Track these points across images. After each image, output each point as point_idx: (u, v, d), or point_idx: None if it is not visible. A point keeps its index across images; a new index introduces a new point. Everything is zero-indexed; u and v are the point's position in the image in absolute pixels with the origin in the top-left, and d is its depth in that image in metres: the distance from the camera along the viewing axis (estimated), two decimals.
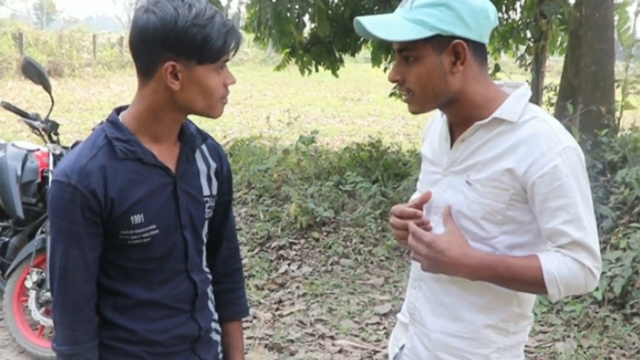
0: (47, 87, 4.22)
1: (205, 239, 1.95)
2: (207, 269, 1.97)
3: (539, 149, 1.70)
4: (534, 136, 1.72)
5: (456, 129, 1.86)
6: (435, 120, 2.03)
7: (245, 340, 4.42)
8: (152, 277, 1.81)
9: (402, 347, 2.05)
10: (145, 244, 1.76)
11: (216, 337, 2.02)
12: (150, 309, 1.82)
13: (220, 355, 2.05)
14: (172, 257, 1.82)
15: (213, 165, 1.93)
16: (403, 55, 1.76)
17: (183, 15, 1.60)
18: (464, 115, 1.81)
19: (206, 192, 1.89)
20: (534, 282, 1.73)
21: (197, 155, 1.88)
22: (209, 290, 1.99)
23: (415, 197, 2.09)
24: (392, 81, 1.82)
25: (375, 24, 1.75)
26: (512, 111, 1.76)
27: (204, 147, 1.91)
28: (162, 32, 1.61)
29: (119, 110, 1.81)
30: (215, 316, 2.02)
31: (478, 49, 1.76)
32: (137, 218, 1.72)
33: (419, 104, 1.81)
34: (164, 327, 1.84)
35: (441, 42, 1.70)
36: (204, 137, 1.91)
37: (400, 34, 1.71)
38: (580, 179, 1.74)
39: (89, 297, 1.76)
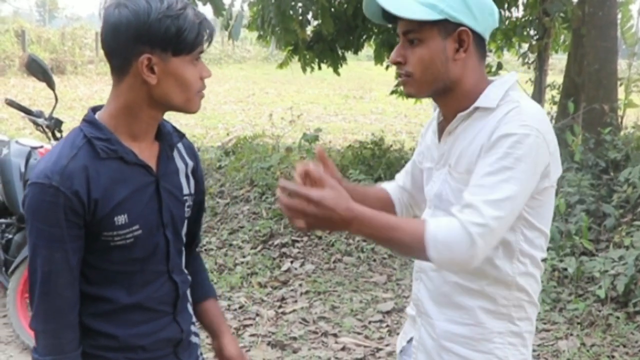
0: (51, 85, 4.22)
1: (184, 239, 1.92)
2: (185, 270, 1.95)
3: (502, 122, 1.70)
4: (503, 114, 1.72)
5: (446, 123, 1.90)
6: (433, 118, 2.06)
7: (248, 337, 4.44)
8: (134, 279, 1.77)
9: (409, 340, 2.08)
10: (129, 245, 1.72)
11: (195, 339, 2.00)
12: (133, 313, 1.78)
13: (200, 358, 2.04)
14: (154, 257, 1.79)
15: (190, 163, 1.91)
16: (408, 37, 1.79)
17: (155, 8, 1.60)
18: (454, 107, 1.84)
19: (186, 190, 1.88)
20: (412, 240, 1.65)
21: (175, 153, 1.86)
22: (188, 292, 1.97)
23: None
24: (393, 63, 1.84)
25: (387, 1, 1.77)
26: (490, 98, 1.79)
27: (180, 145, 1.89)
28: (135, 26, 1.60)
29: (94, 109, 1.77)
30: (194, 319, 2.00)
31: (480, 42, 1.81)
32: (121, 219, 1.69)
33: (416, 87, 1.83)
34: (147, 330, 1.81)
35: (447, 27, 1.75)
36: (180, 135, 1.90)
37: (410, 12, 1.75)
38: (518, 157, 1.66)
39: (73, 303, 1.71)
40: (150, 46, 1.61)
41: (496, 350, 1.86)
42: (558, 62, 17.80)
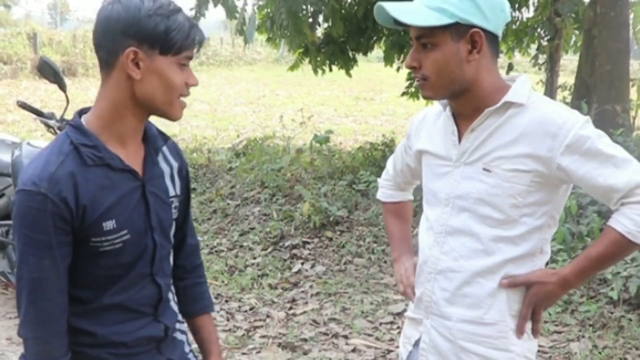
0: (62, 87, 4.24)
1: (173, 241, 1.93)
2: (170, 274, 1.95)
3: (555, 125, 1.77)
4: (546, 115, 1.79)
5: (462, 121, 1.92)
6: (428, 114, 2.09)
7: (258, 339, 4.44)
8: (119, 282, 1.78)
9: (414, 344, 2.07)
10: (117, 250, 1.73)
11: (181, 337, 2.00)
12: (113, 312, 1.79)
13: (190, 355, 2.03)
14: (140, 261, 1.79)
15: (175, 165, 1.91)
16: (421, 42, 1.82)
17: (147, 5, 1.63)
18: (473, 105, 1.87)
19: (172, 192, 1.87)
20: (624, 249, 1.80)
21: (160, 157, 1.86)
22: (170, 294, 1.96)
23: (384, 181, 2.35)
24: (409, 67, 1.87)
25: (397, 9, 1.79)
26: (520, 94, 1.83)
27: (164, 148, 1.89)
28: (125, 19, 1.62)
29: (81, 112, 1.77)
30: (179, 317, 2.00)
31: (493, 40, 1.83)
32: (109, 224, 1.69)
33: (432, 90, 1.86)
34: (127, 329, 1.81)
35: (459, 30, 1.77)
36: (165, 138, 1.90)
37: (421, 20, 1.77)
38: (600, 132, 1.80)
39: (63, 309, 1.72)
40: (137, 40, 1.63)
41: (513, 347, 1.91)
42: (569, 62, 17.76)
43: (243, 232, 6.54)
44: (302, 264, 5.81)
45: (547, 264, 1.96)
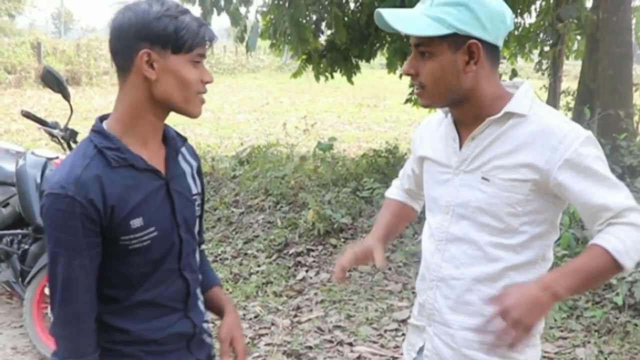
0: (66, 96, 4.26)
1: (197, 238, 1.99)
2: (197, 270, 2.00)
3: (555, 138, 1.77)
4: (547, 127, 1.79)
5: (463, 129, 1.92)
6: (432, 121, 2.10)
7: (264, 346, 4.44)
8: (149, 279, 1.83)
9: (419, 351, 2.07)
10: (146, 247, 1.78)
11: (208, 339, 2.05)
12: (145, 309, 1.84)
13: (216, 359, 2.07)
14: (168, 257, 1.85)
15: (194, 164, 1.99)
16: (419, 49, 1.82)
17: (156, 9, 1.70)
18: (473, 113, 1.86)
19: (194, 190, 1.94)
20: (608, 267, 1.74)
21: (180, 157, 1.93)
22: (198, 291, 2.02)
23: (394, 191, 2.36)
24: (406, 74, 1.87)
25: (396, 17, 1.80)
26: (522, 104, 1.83)
27: (183, 149, 1.96)
28: (136, 24, 1.70)
29: (102, 118, 1.83)
30: (207, 317, 2.05)
31: (492, 50, 1.82)
32: (137, 222, 1.75)
33: (429, 99, 1.86)
34: (158, 325, 1.87)
35: (457, 40, 1.76)
36: (183, 139, 1.97)
37: (418, 29, 1.77)
38: (599, 153, 1.80)
39: (91, 308, 1.78)
40: (149, 42, 1.70)
41: (516, 354, 1.90)
42: (572, 68, 17.75)
43: (247, 240, 6.54)
44: (307, 271, 5.80)
45: (551, 269, 1.95)
